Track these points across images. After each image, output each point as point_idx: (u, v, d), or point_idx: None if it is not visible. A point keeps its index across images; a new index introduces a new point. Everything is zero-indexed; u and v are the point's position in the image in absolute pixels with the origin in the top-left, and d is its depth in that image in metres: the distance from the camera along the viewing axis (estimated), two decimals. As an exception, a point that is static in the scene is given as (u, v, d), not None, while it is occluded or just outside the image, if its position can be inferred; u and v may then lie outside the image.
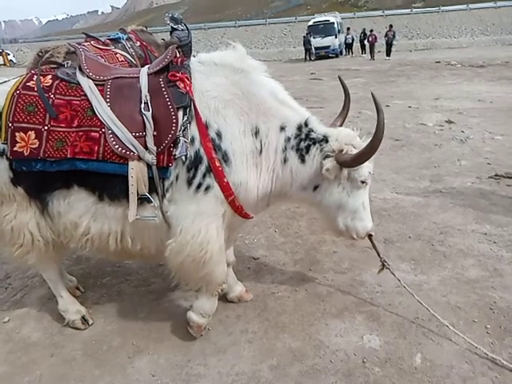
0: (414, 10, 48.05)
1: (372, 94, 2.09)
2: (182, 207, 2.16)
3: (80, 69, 2.24)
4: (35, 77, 2.21)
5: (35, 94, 2.14)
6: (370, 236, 2.50)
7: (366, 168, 2.24)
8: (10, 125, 2.10)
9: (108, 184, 2.14)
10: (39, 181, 2.18)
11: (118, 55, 4.03)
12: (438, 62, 18.34)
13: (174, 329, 2.59)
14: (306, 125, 2.25)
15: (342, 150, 2.17)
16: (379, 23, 39.93)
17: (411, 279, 2.87)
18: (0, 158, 2.17)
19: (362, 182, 2.27)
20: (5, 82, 2.32)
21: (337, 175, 2.21)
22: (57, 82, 2.19)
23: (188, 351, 2.40)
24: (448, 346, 2.29)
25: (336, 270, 3.09)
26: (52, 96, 2.14)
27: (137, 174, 2.08)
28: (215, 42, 45.51)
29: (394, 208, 4.06)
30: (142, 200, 2.14)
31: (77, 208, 2.21)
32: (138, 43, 4.58)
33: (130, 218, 2.12)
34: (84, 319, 2.65)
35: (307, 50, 28.37)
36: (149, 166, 2.10)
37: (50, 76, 2.22)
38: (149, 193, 2.13)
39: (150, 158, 2.08)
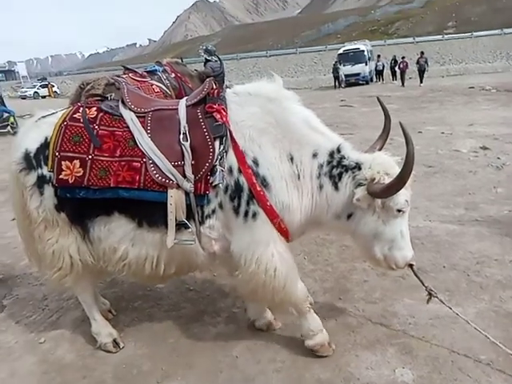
0: (446, 36, 47.85)
1: (401, 124, 2.06)
2: (237, 238, 2.24)
3: (122, 102, 2.37)
4: (81, 109, 2.36)
5: (81, 125, 2.28)
6: (410, 265, 2.37)
7: (402, 196, 2.15)
8: (57, 154, 2.24)
9: (147, 211, 2.23)
10: (81, 207, 2.29)
11: (153, 86, 4.25)
12: (472, 88, 18.05)
13: (202, 355, 2.59)
14: (339, 151, 2.25)
15: (374, 179, 2.12)
16: (410, 50, 39.96)
17: (446, 311, 2.75)
18: (46, 185, 2.30)
19: (399, 211, 2.19)
20: (53, 113, 2.49)
21: (370, 204, 2.16)
22: (101, 114, 2.33)
23: (216, 378, 2.39)
24: (486, 383, 2.17)
25: (367, 300, 3.02)
26: (96, 127, 2.27)
27: (175, 201, 2.16)
28: (247, 71, 46.80)
29: (428, 236, 3.96)
30: (180, 226, 2.21)
31: (116, 234, 2.30)
32: (173, 75, 4.81)
33: (169, 244, 2.18)
34: (115, 342, 2.70)
35: (336, 78, 28.65)
36: (186, 194, 2.18)
37: (94, 108, 2.37)
38: (186, 219, 2.20)
39: (188, 186, 2.17)
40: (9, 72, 71.16)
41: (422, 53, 24.95)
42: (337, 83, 28.53)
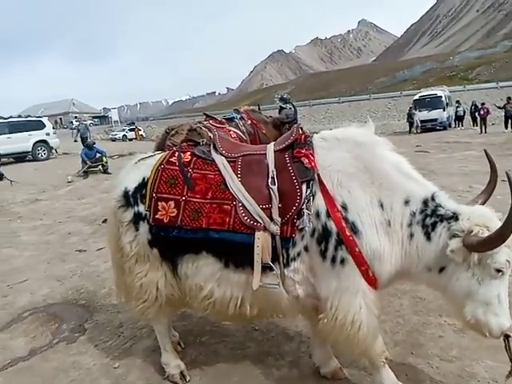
0: (535, 80, 45.00)
1: (508, 175, 1.89)
2: (324, 282, 2.22)
3: (214, 147, 2.53)
4: (177, 153, 2.56)
5: (176, 168, 2.45)
6: (506, 336, 2.04)
7: (503, 255, 1.94)
8: (154, 195, 2.42)
9: (234, 252, 2.29)
10: (173, 245, 2.41)
11: (231, 132, 4.54)
12: None
13: (265, 397, 2.56)
14: (433, 199, 2.15)
15: (472, 231, 1.96)
16: (492, 95, 38.13)
17: (537, 379, 2.47)
18: (141, 221, 2.47)
19: (497, 271, 1.97)
20: (151, 156, 2.72)
21: (465, 258, 1.98)
22: (195, 158, 2.50)
23: (278, 423, 2.35)
24: None
25: (442, 357, 2.81)
26: (190, 170, 2.43)
27: (262, 243, 2.19)
28: (319, 117, 47.61)
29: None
30: (265, 268, 2.22)
31: (203, 272, 2.37)
32: (249, 121, 5.12)
33: (254, 286, 2.20)
34: (182, 375, 2.77)
35: (410, 124, 28.13)
36: (273, 236, 2.21)
37: (189, 153, 2.54)
38: (271, 261, 2.21)
39: (275, 228, 2.20)
40: (103, 117, 79.63)
41: (510, 98, 23.56)
42: (412, 129, 27.94)
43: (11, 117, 20.12)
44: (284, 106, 6.30)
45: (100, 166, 13.98)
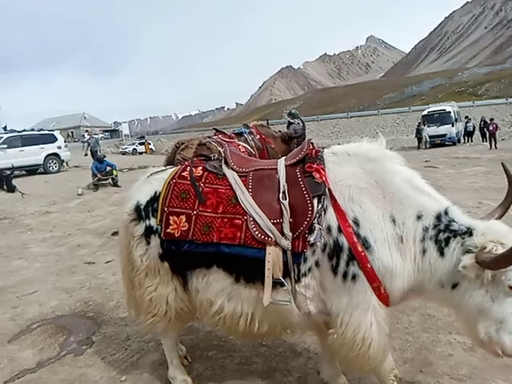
0: (545, 96, 44.82)
1: None
2: (335, 298, 2.19)
3: (226, 162, 2.56)
4: (188, 168, 2.57)
5: (188, 182, 2.47)
6: None
7: None
8: (166, 209, 2.43)
9: (245, 267, 2.27)
10: (183, 259, 2.42)
11: (240, 146, 4.61)
12: None
13: (272, 414, 2.54)
14: (446, 214, 2.12)
15: (486, 248, 1.92)
16: (502, 111, 37.97)
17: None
18: (153, 235, 2.48)
19: (511, 288, 1.93)
20: (163, 170, 2.74)
21: (478, 275, 1.93)
22: (206, 173, 2.51)
23: None
24: None
25: (452, 376, 2.76)
26: (202, 185, 2.45)
27: (273, 258, 2.18)
28: (327, 132, 47.77)
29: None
30: (276, 284, 2.20)
31: (214, 287, 2.36)
32: (258, 136, 5.20)
33: (265, 302, 2.17)
34: (189, 390, 2.75)
35: (419, 139, 28.12)
36: (284, 251, 2.20)
37: (200, 167, 2.56)
38: (282, 277, 2.19)
39: (286, 243, 2.19)
40: (114, 131, 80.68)
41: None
42: (421, 144, 27.92)
43: (24, 130, 20.43)
44: (292, 121, 6.38)
45: (110, 179, 14.11)
